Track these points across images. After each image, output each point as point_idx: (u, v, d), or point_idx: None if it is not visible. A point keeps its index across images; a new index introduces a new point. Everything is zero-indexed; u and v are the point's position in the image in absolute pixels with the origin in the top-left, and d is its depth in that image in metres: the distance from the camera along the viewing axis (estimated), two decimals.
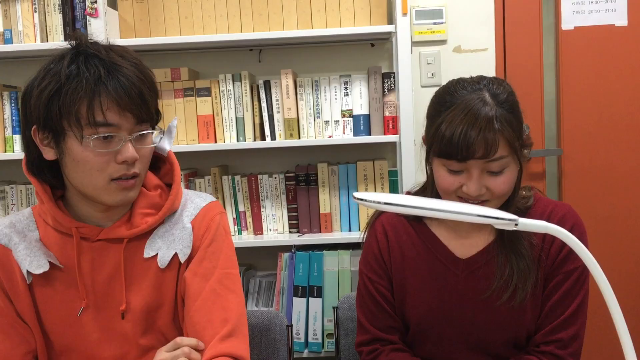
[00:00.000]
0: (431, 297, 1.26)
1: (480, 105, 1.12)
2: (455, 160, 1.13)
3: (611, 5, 2.36)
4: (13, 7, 2.17)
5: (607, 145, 2.42)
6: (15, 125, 2.20)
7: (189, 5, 2.18)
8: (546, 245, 1.24)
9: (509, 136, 1.12)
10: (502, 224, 0.81)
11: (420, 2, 2.35)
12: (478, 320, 1.24)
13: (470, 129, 1.10)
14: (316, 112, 2.18)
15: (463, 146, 1.11)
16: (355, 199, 0.88)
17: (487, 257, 1.25)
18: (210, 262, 1.17)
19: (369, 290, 1.31)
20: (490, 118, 1.11)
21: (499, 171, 1.14)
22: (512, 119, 1.14)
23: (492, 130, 1.11)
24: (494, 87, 1.17)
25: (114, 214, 1.17)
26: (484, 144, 1.10)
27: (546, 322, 1.23)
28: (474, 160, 1.12)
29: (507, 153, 1.13)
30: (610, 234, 2.43)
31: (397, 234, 1.31)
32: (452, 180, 1.16)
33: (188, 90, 2.19)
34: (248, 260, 2.43)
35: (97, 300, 1.15)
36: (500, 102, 1.14)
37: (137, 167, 1.11)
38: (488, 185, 1.15)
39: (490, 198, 1.17)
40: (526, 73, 2.40)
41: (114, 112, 1.05)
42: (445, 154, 1.14)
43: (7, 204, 2.25)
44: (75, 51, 1.08)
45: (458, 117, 1.12)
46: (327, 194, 2.22)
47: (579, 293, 1.23)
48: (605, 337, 1.83)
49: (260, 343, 1.46)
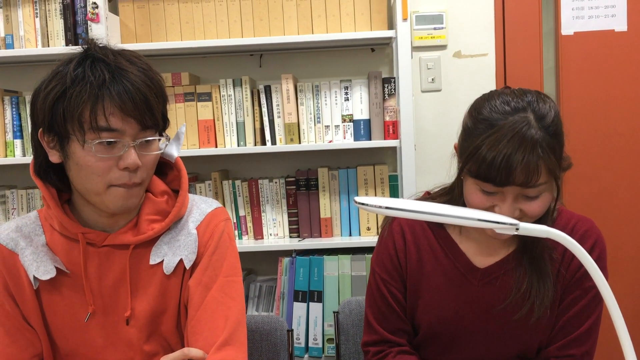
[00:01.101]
0: (445, 304, 1.24)
1: (525, 129, 1.06)
2: (492, 184, 1.08)
3: (611, 11, 2.37)
4: (14, 12, 2.18)
5: (607, 149, 2.42)
6: (16, 130, 2.20)
7: (190, 11, 2.19)
8: (566, 260, 1.21)
9: (551, 164, 1.07)
10: (503, 228, 0.81)
11: (421, 8, 2.36)
12: (491, 331, 1.22)
13: (513, 155, 1.05)
14: (317, 117, 2.19)
15: (504, 172, 1.05)
16: (357, 204, 0.88)
17: (506, 268, 1.22)
18: (213, 270, 1.17)
19: (380, 290, 1.28)
20: (535, 144, 1.05)
21: (536, 196, 1.10)
22: (555, 145, 1.09)
23: (535, 157, 1.05)
24: (539, 106, 1.11)
25: (119, 220, 1.16)
26: (526, 172, 1.05)
27: (559, 337, 1.21)
28: (512, 186, 1.08)
29: (547, 180, 1.08)
30: (611, 239, 2.43)
31: (415, 237, 1.28)
32: (485, 200, 1.12)
33: (189, 95, 2.20)
34: (248, 265, 2.43)
35: (103, 306, 1.15)
36: (545, 127, 1.08)
37: (140, 175, 1.10)
38: (522, 208, 1.11)
39: (522, 220, 1.11)
40: (526, 78, 2.40)
41: (117, 117, 1.04)
42: (483, 177, 1.08)
43: (8, 209, 2.25)
44: (83, 55, 1.08)
45: (501, 142, 1.06)
46: (327, 199, 2.23)
47: (595, 311, 1.21)
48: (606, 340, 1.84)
49: (261, 348, 1.46)
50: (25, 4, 2.17)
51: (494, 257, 1.23)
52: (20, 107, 2.20)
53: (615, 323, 0.77)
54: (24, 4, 2.17)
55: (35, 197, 2.25)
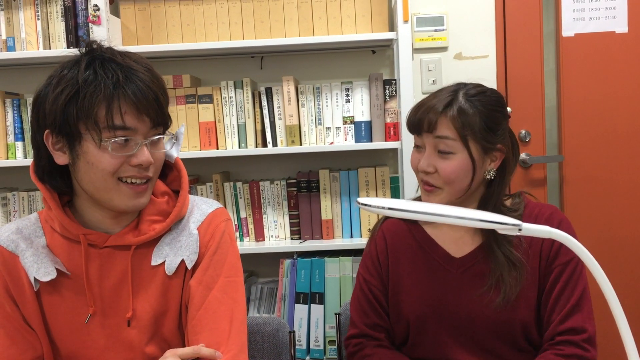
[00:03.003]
0: (429, 293, 1.33)
1: (448, 92, 1.30)
2: (413, 132, 1.33)
3: (611, 13, 2.37)
4: (16, 15, 2.18)
5: (608, 151, 2.42)
6: (18, 132, 2.20)
7: (191, 13, 2.19)
8: (535, 241, 1.30)
9: (457, 122, 1.26)
10: (505, 229, 0.82)
11: (421, 9, 2.36)
12: (475, 316, 1.29)
13: (428, 101, 1.30)
14: (317, 119, 2.19)
15: (417, 114, 1.30)
16: (359, 204, 0.88)
17: (480, 256, 1.32)
18: (214, 270, 1.18)
19: (362, 289, 1.41)
20: (447, 97, 1.28)
21: (447, 153, 1.27)
22: (470, 112, 1.26)
23: (442, 104, 1.27)
24: (471, 87, 1.32)
25: (122, 221, 1.17)
26: (430, 117, 1.27)
27: (554, 316, 1.27)
28: (425, 134, 1.29)
29: (454, 137, 1.26)
30: (611, 240, 2.43)
31: (394, 238, 1.41)
32: (415, 157, 1.34)
33: (190, 97, 2.20)
34: (250, 267, 2.43)
35: (104, 308, 1.15)
36: (467, 96, 1.29)
37: (151, 170, 1.12)
38: (435, 164, 1.28)
39: (440, 184, 1.29)
40: (527, 80, 2.40)
41: (132, 115, 1.07)
42: (408, 128, 1.35)
43: (9, 211, 2.25)
44: (90, 56, 1.09)
45: (425, 99, 1.33)
46: (328, 201, 2.23)
47: (578, 283, 1.28)
48: (607, 338, 1.83)
49: (263, 349, 1.46)
50: (26, 7, 2.17)
51: (468, 247, 1.35)
52: (21, 109, 2.20)
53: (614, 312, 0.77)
54: (25, 6, 2.17)
55: (37, 199, 2.25)
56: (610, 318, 0.80)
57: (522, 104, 2.40)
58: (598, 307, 1.30)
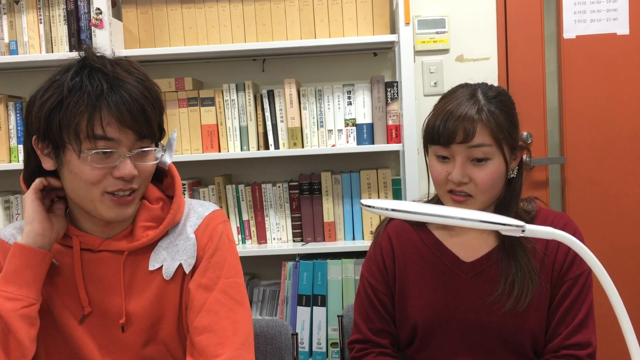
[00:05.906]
0: (436, 297, 1.29)
1: (470, 94, 1.23)
2: (440, 145, 1.22)
3: (613, 14, 2.37)
4: (18, 18, 2.19)
5: (609, 153, 2.42)
6: (20, 136, 2.21)
7: (193, 16, 2.20)
8: (550, 252, 1.27)
9: (492, 126, 1.20)
10: (509, 230, 0.82)
11: (423, 12, 2.37)
12: (483, 323, 1.26)
13: (454, 110, 1.20)
14: (319, 121, 2.19)
15: (446, 126, 1.20)
16: (363, 206, 0.88)
17: (491, 261, 1.28)
18: (214, 272, 1.17)
19: (367, 294, 1.37)
20: (475, 104, 1.21)
21: (482, 159, 1.20)
22: (498, 113, 1.21)
23: (473, 111, 1.19)
24: (487, 87, 1.27)
25: (115, 228, 1.16)
26: (465, 127, 1.19)
27: (561, 329, 1.25)
28: (456, 145, 1.20)
29: (490, 143, 1.20)
30: (613, 242, 2.43)
31: (400, 241, 1.36)
32: (441, 169, 1.24)
33: (192, 100, 2.20)
34: (252, 270, 2.43)
35: (97, 311, 1.15)
36: (488, 98, 1.23)
37: (136, 182, 1.10)
38: (470, 174, 1.21)
39: (475, 192, 1.22)
40: (528, 82, 2.41)
41: (114, 127, 1.05)
42: (431, 138, 1.24)
43: (12, 214, 2.26)
44: (81, 64, 1.08)
45: (446, 105, 1.22)
46: (330, 203, 2.23)
47: (587, 297, 1.26)
48: (612, 342, 1.83)
49: (265, 352, 1.46)
50: (29, 10, 2.18)
51: (479, 252, 1.30)
52: (24, 112, 2.20)
53: (619, 316, 0.77)
54: (28, 10, 2.18)
55: None
56: (611, 318, 0.80)
57: (524, 106, 2.40)
58: (600, 308, 1.31)
